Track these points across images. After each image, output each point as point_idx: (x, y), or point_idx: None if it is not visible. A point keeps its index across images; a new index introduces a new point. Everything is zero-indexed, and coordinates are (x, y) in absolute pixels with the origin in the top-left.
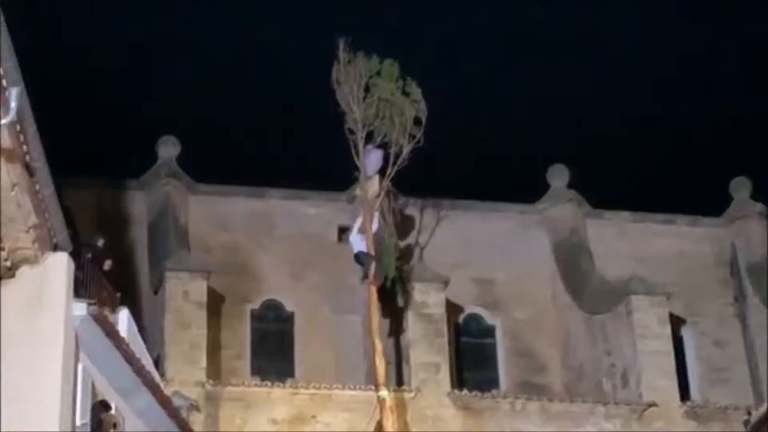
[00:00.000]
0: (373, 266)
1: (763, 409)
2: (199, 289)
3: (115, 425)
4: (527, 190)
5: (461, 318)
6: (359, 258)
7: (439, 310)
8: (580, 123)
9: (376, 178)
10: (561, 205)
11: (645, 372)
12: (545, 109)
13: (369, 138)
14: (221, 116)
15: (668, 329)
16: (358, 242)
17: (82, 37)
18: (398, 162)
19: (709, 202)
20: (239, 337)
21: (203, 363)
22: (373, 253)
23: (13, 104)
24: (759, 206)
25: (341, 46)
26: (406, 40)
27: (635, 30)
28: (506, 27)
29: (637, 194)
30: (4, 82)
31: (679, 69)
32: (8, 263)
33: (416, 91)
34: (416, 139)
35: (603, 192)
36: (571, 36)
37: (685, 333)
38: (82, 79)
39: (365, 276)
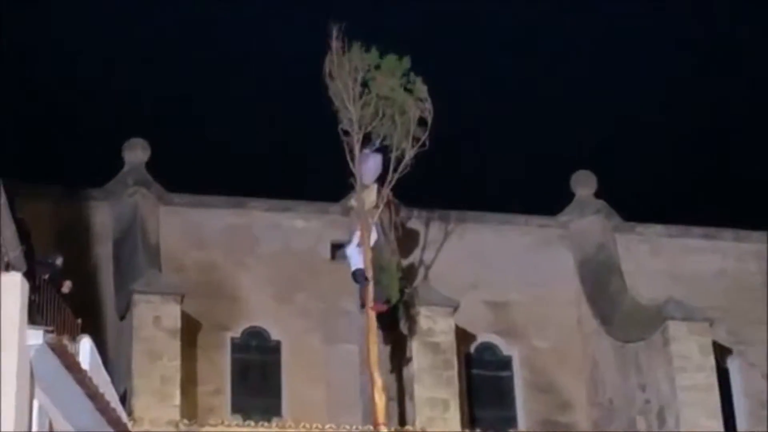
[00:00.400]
0: (370, 290)
1: None
2: (171, 314)
3: None
4: (548, 200)
5: (473, 347)
6: (357, 277)
7: (447, 338)
8: (608, 124)
9: (375, 186)
10: (587, 218)
11: (685, 409)
12: (569, 110)
13: (366, 141)
14: (196, 117)
15: (711, 360)
16: (356, 256)
17: (38, 30)
18: (400, 168)
19: (755, 215)
20: (218, 369)
21: (176, 399)
22: (371, 273)
23: None
24: None
25: (335, 34)
26: (411, 36)
27: (671, 29)
28: (522, 21)
29: (674, 205)
30: None
31: (720, 68)
32: None
33: (421, 89)
34: (420, 143)
35: (635, 203)
36: (600, 31)
37: (731, 364)
38: (39, 76)
39: (362, 304)
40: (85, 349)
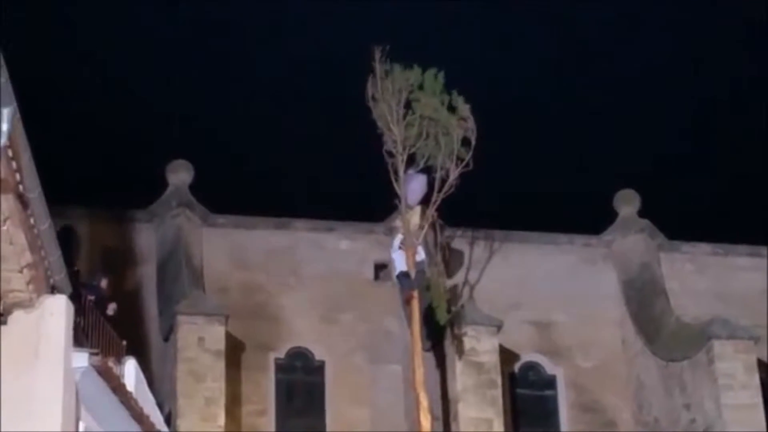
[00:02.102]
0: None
1: None
2: (215, 335)
3: None
4: (592, 219)
5: (517, 367)
6: (401, 279)
7: (491, 358)
8: (651, 142)
9: (419, 207)
10: (631, 237)
11: (730, 428)
12: (612, 128)
13: (410, 161)
14: (240, 138)
15: (756, 378)
16: (399, 260)
17: (82, 48)
18: (444, 188)
19: None
20: (262, 390)
21: (221, 420)
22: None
23: (4, 127)
24: None
25: (377, 56)
26: (451, 52)
27: (713, 41)
28: (564, 41)
29: (718, 224)
30: None
31: (760, 82)
32: None
33: (464, 108)
34: (465, 163)
35: (679, 221)
36: (644, 52)
37: None
38: (84, 99)
39: (407, 301)
40: (130, 370)
